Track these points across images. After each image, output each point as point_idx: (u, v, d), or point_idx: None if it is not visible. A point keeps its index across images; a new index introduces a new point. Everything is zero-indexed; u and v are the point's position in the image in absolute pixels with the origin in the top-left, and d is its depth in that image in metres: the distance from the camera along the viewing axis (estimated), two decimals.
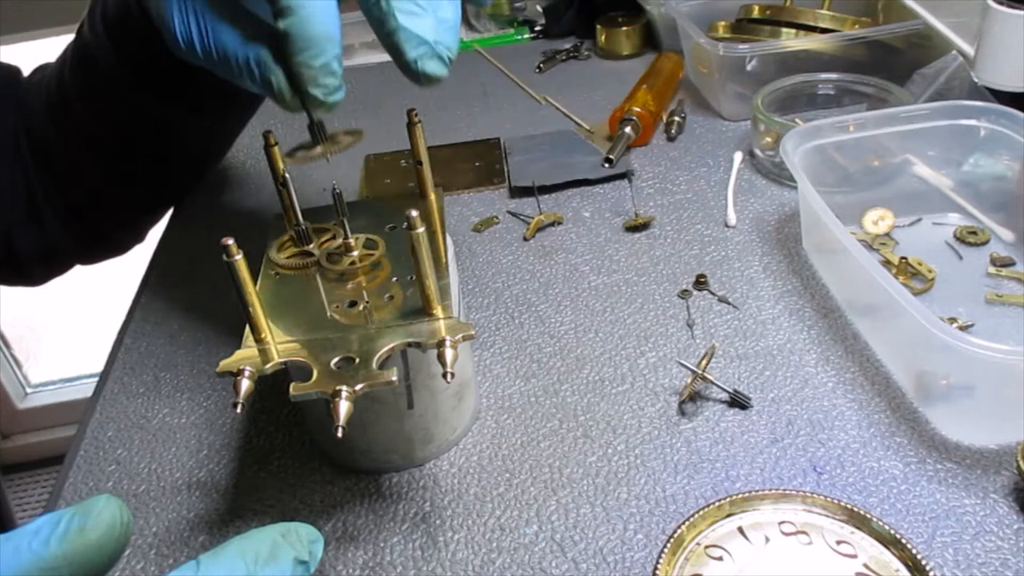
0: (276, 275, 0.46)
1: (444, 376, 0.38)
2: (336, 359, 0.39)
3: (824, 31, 0.74)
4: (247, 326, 0.41)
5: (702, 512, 0.39)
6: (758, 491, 0.40)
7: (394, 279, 0.45)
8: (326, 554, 0.43)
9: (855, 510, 0.38)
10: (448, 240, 0.48)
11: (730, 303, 0.56)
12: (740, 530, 0.39)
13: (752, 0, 0.80)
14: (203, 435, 0.51)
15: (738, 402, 0.48)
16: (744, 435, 0.47)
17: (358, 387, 0.37)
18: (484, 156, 0.74)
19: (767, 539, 0.38)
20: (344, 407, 0.37)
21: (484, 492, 0.46)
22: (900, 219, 0.60)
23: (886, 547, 0.37)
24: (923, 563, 0.36)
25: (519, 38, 0.97)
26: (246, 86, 0.42)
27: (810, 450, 0.46)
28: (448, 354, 0.39)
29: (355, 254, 0.46)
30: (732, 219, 0.63)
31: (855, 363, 0.50)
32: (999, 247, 0.57)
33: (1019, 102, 0.58)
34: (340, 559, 0.43)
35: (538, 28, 0.97)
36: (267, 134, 0.47)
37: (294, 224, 0.47)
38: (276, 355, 0.40)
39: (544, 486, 0.46)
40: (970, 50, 0.64)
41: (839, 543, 0.38)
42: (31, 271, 0.70)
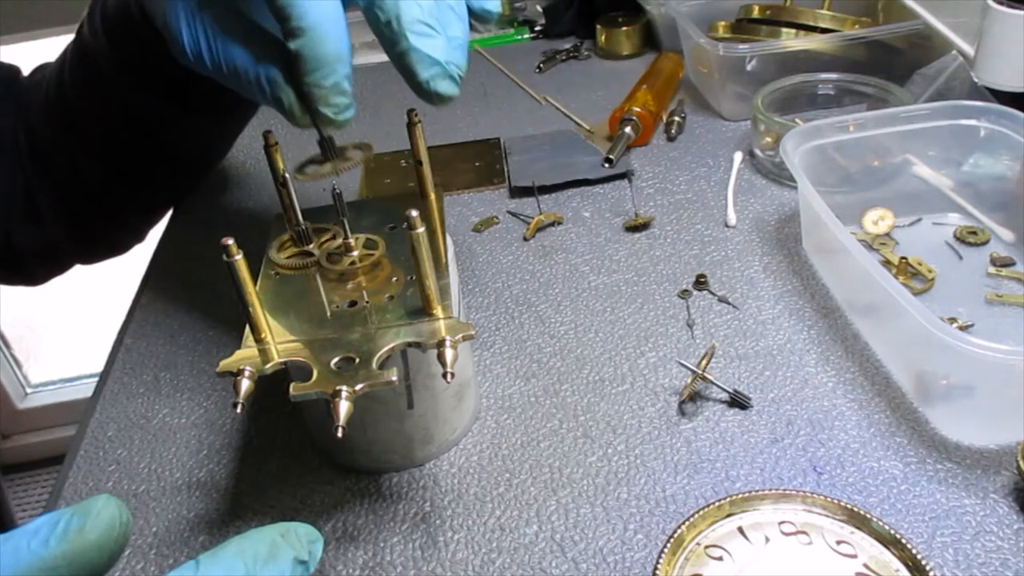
0: (276, 275, 0.46)
1: (444, 376, 0.38)
2: (336, 359, 0.39)
3: (824, 31, 0.74)
4: (247, 326, 0.41)
5: (702, 512, 0.39)
6: (758, 491, 0.40)
7: (394, 279, 0.45)
8: (326, 554, 0.43)
9: (855, 510, 0.38)
10: (448, 240, 0.48)
11: (730, 303, 0.56)
12: (740, 530, 0.39)
13: (752, 0, 0.80)
14: (203, 435, 0.51)
15: (738, 402, 0.48)
16: (744, 435, 0.47)
17: (358, 387, 0.37)
18: (484, 156, 0.74)
19: (767, 539, 0.38)
20: (344, 407, 0.37)
21: (484, 492, 0.46)
22: (900, 219, 0.60)
23: (886, 547, 0.37)
24: (923, 563, 0.36)
25: (519, 38, 0.97)
26: (254, 99, 0.43)
27: (810, 450, 0.46)
28: (448, 354, 0.39)
29: (355, 254, 0.46)
30: (732, 219, 0.63)
31: (855, 363, 0.50)
32: (999, 247, 0.57)
33: (1019, 102, 0.58)
34: (340, 559, 0.43)
35: (538, 28, 0.97)
36: (267, 134, 0.47)
37: (294, 224, 0.47)
38: (276, 355, 0.40)
39: (544, 486, 0.46)
40: (970, 50, 0.64)
41: (839, 543, 0.38)
42: (31, 271, 0.70)
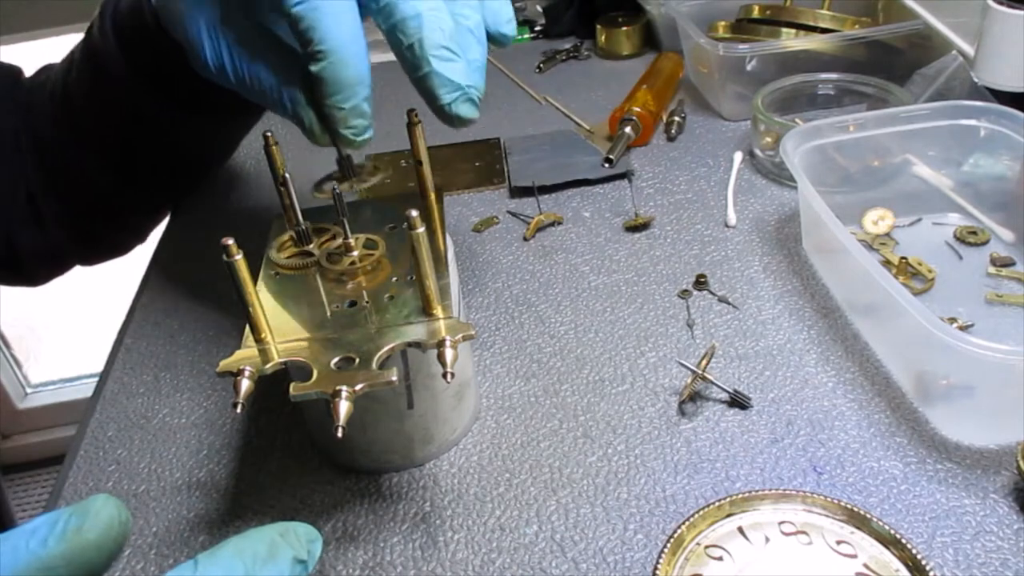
0: (276, 275, 0.46)
1: (444, 376, 0.38)
2: (336, 359, 0.39)
3: (824, 31, 0.74)
4: (247, 326, 0.41)
5: (702, 512, 0.39)
6: (758, 491, 0.40)
7: (394, 279, 0.45)
8: (326, 554, 0.43)
9: (855, 510, 0.38)
10: (448, 240, 0.48)
11: (730, 303, 0.56)
12: (740, 530, 0.39)
13: (752, 0, 0.80)
14: (203, 435, 0.51)
15: (738, 402, 0.48)
16: (744, 435, 0.47)
17: (358, 387, 0.37)
18: (484, 156, 0.74)
19: (767, 539, 0.38)
20: (344, 407, 0.37)
21: (484, 492, 0.46)
22: (900, 219, 0.60)
23: (886, 547, 0.37)
24: (923, 563, 0.36)
25: (519, 38, 0.97)
26: (274, 112, 0.43)
27: (810, 450, 0.46)
28: (448, 354, 0.39)
29: (355, 254, 0.46)
30: (732, 219, 0.63)
31: (855, 363, 0.50)
32: (999, 247, 0.57)
33: (1019, 102, 0.58)
34: (340, 559, 0.43)
35: (538, 28, 0.97)
36: (267, 134, 0.47)
37: (294, 224, 0.47)
38: (276, 355, 0.40)
39: (544, 486, 0.46)
40: (970, 50, 0.64)
41: (839, 543, 0.38)
42: (31, 271, 0.70)
